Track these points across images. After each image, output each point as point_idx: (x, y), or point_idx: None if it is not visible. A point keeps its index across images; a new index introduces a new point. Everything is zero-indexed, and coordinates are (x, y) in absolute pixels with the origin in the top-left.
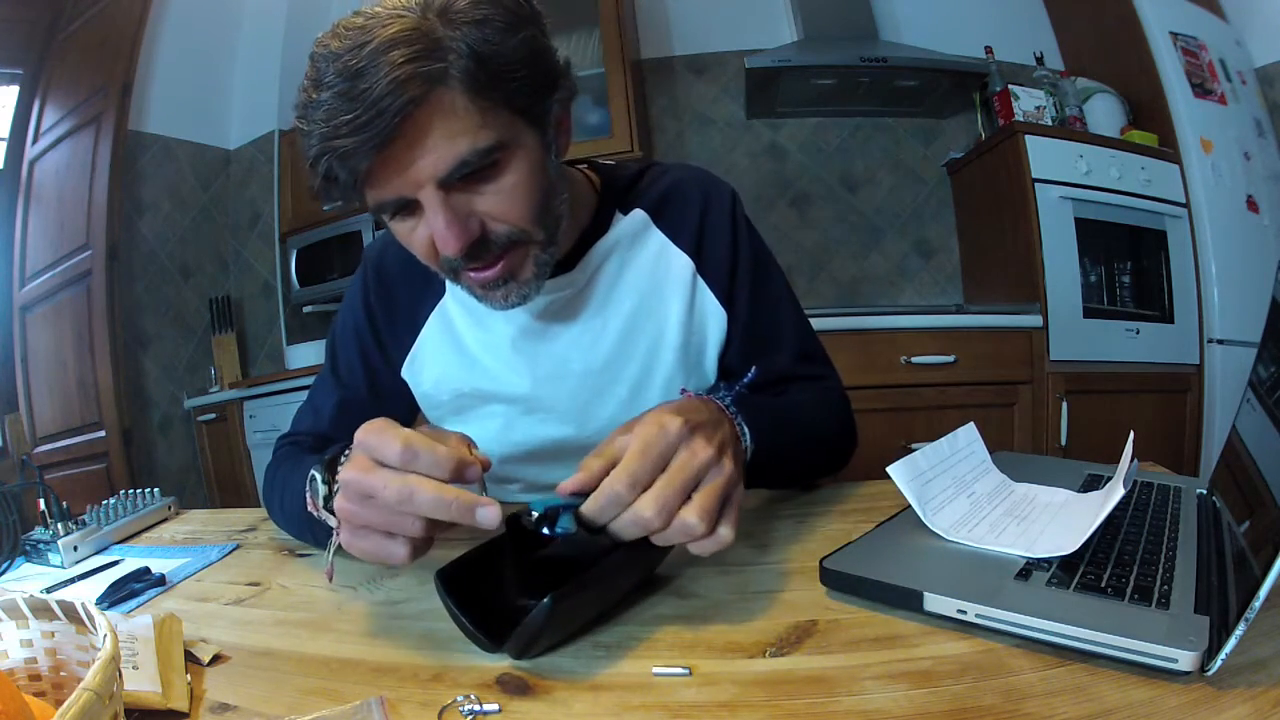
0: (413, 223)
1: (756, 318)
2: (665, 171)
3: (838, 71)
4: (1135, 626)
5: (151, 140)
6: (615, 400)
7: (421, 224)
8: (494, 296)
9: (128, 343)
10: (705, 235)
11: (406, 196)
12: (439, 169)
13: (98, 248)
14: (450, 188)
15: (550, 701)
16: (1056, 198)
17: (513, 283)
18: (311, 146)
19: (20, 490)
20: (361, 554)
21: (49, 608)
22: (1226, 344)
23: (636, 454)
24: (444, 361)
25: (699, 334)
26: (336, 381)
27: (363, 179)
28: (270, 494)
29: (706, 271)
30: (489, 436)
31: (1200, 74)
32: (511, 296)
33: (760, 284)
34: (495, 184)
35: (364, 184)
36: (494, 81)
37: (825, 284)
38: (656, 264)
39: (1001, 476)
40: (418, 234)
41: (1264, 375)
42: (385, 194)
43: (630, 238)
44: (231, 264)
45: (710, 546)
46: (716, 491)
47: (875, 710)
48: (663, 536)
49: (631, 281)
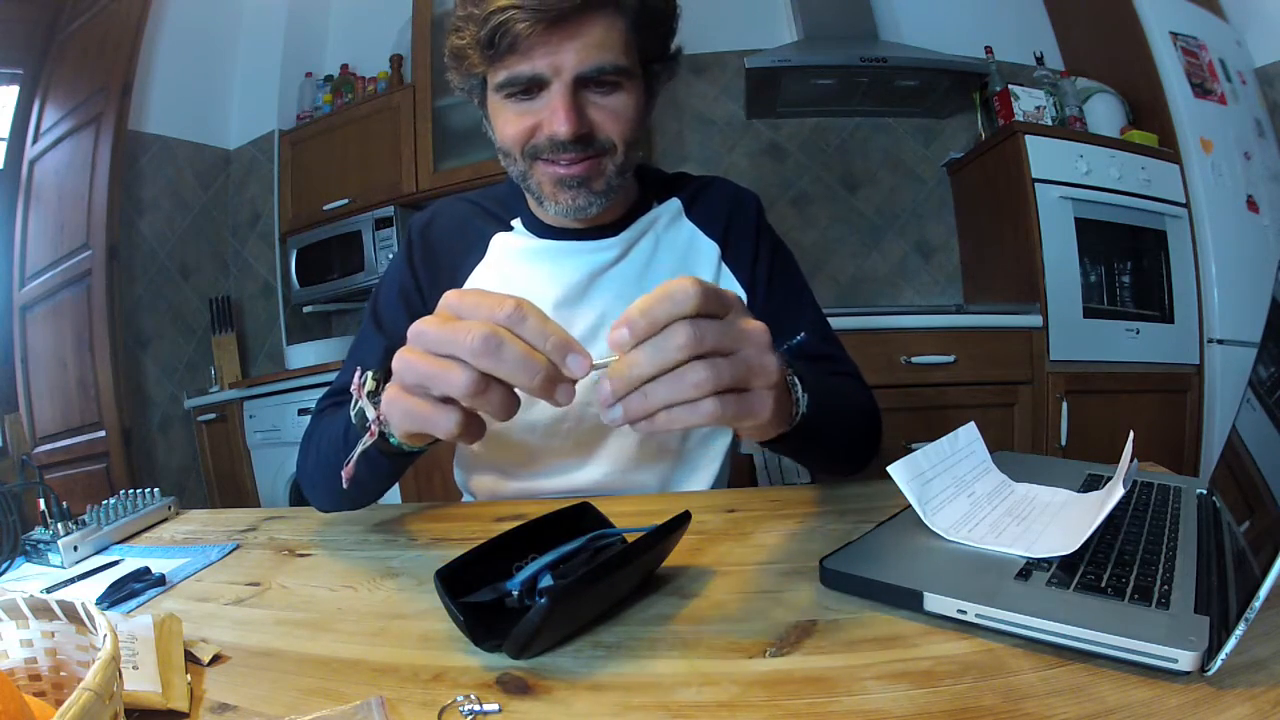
0: (527, 105)
1: (776, 301)
2: (697, 177)
3: (838, 71)
4: (1135, 626)
5: (151, 140)
6: None
7: (535, 108)
8: (563, 196)
9: (128, 343)
10: (731, 229)
11: (543, 75)
12: (584, 63)
13: (98, 248)
14: (579, 85)
15: (550, 701)
16: (1056, 198)
17: (584, 188)
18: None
19: (20, 490)
20: (406, 416)
21: (49, 608)
22: (1226, 344)
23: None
24: None
25: None
26: (381, 333)
27: (517, 45)
28: (307, 444)
29: (731, 258)
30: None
31: (1200, 74)
32: (579, 199)
33: (781, 274)
34: (610, 100)
35: (512, 52)
36: (645, 25)
37: (825, 284)
38: (688, 248)
39: (1002, 476)
40: (526, 116)
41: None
42: (526, 67)
43: (666, 220)
44: (231, 264)
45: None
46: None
47: (875, 710)
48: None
49: (665, 257)
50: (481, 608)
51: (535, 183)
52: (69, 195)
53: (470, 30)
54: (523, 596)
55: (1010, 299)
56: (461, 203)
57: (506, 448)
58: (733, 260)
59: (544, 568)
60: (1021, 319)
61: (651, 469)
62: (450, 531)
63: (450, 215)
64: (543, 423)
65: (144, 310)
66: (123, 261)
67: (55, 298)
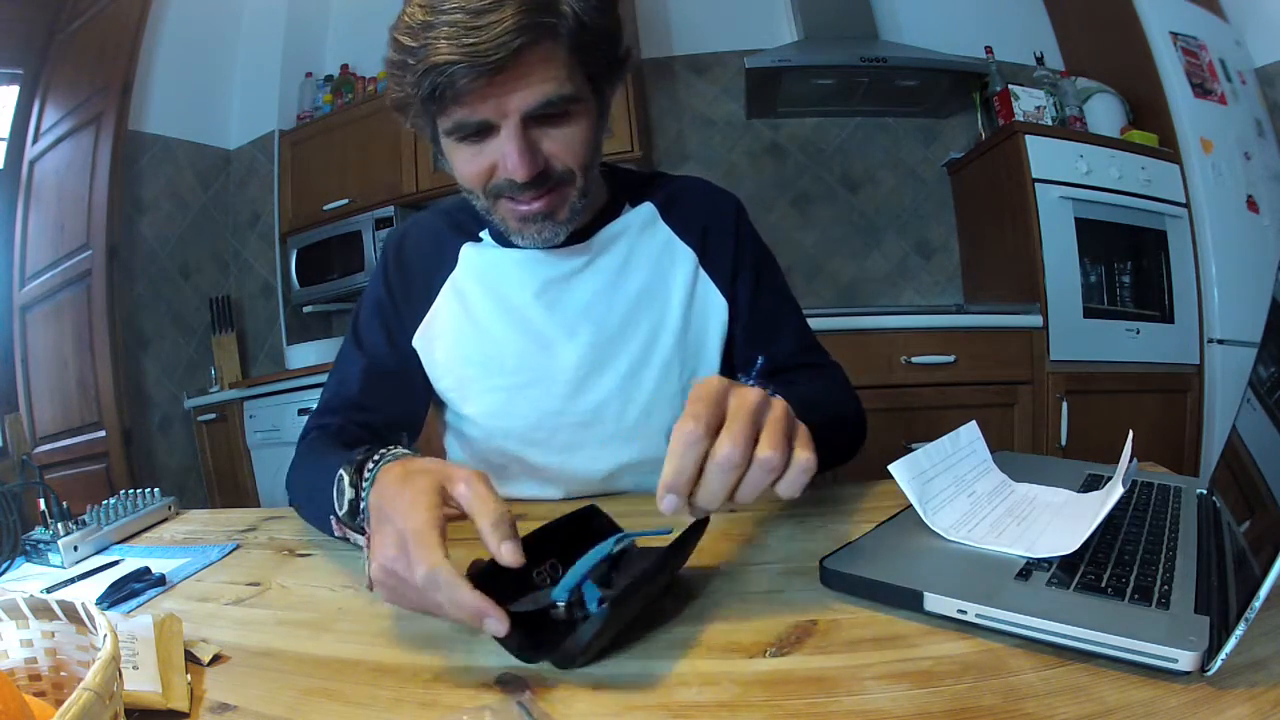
0: (479, 147)
1: (759, 310)
2: (673, 178)
3: (838, 71)
4: (1135, 626)
5: (151, 140)
6: (615, 374)
7: (487, 149)
8: (529, 230)
9: (128, 343)
10: (709, 233)
11: (490, 121)
12: (528, 103)
13: (98, 248)
14: (528, 123)
15: (550, 701)
16: (1056, 198)
17: (549, 220)
18: (421, 62)
19: (20, 490)
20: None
21: (49, 608)
22: (1226, 344)
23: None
24: (456, 330)
25: (699, 322)
26: (361, 351)
27: (460, 98)
28: (297, 489)
29: (709, 265)
30: (488, 414)
31: (1200, 74)
32: (545, 231)
33: (762, 280)
34: (562, 130)
35: (456, 103)
36: (586, 47)
37: (825, 284)
38: (662, 253)
39: (1002, 476)
40: (480, 158)
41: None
42: (473, 115)
43: (639, 226)
44: (231, 264)
45: (796, 476)
46: (779, 424)
47: (875, 710)
48: (746, 482)
49: (639, 265)
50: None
51: (500, 219)
52: (69, 195)
53: (408, 80)
54: (571, 606)
55: (1010, 299)
56: (433, 216)
57: (493, 455)
58: (711, 267)
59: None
60: (1021, 319)
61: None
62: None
63: (422, 230)
64: (519, 430)
65: (144, 310)
66: (123, 261)
67: (55, 298)
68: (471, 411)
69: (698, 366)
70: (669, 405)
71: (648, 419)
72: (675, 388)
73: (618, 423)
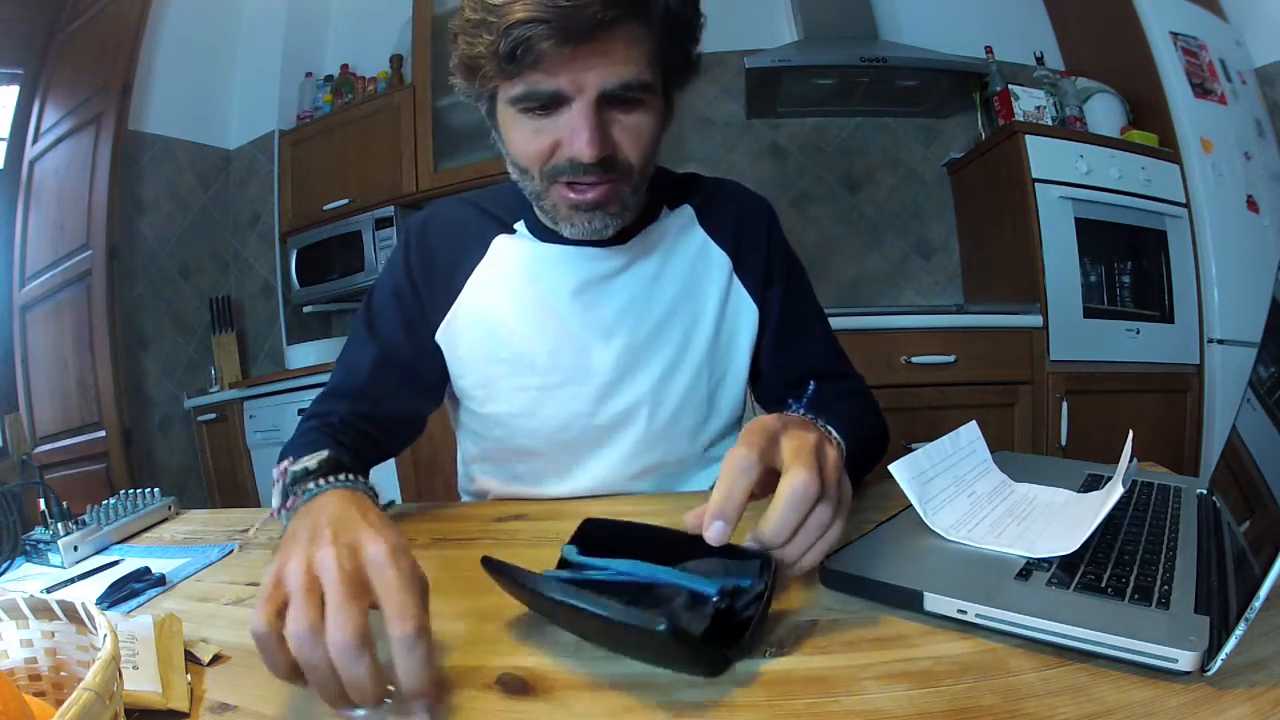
0: (545, 122)
1: (788, 315)
2: (708, 180)
3: (838, 71)
4: (1135, 626)
5: (151, 140)
6: (648, 378)
7: (553, 125)
8: (579, 219)
9: (128, 343)
10: (743, 238)
11: (563, 93)
12: (608, 81)
13: (98, 248)
14: (601, 103)
15: (550, 701)
16: (1056, 198)
17: (600, 211)
18: (505, 17)
19: (20, 490)
20: None
21: (49, 608)
22: (1226, 344)
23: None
24: (484, 325)
25: (730, 326)
26: (373, 338)
27: (538, 62)
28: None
29: (742, 270)
30: (514, 414)
31: (1200, 74)
32: (595, 221)
33: (792, 287)
34: (633, 118)
35: (533, 68)
36: (671, 36)
37: (825, 284)
38: (698, 257)
39: (1002, 476)
40: (544, 134)
41: (1264, 375)
42: (548, 84)
43: (677, 229)
44: (231, 264)
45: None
46: (826, 546)
47: (875, 710)
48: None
49: (675, 269)
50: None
51: (550, 204)
52: (69, 195)
53: (485, 39)
54: (728, 601)
55: (1010, 299)
56: (460, 204)
57: (514, 454)
58: (744, 273)
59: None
60: (1022, 319)
61: (652, 475)
62: (450, 531)
63: (448, 216)
64: (545, 431)
65: (144, 310)
66: (123, 261)
67: (55, 298)
68: (496, 410)
69: (726, 370)
70: (697, 409)
71: (675, 423)
72: (704, 392)
73: (647, 426)
